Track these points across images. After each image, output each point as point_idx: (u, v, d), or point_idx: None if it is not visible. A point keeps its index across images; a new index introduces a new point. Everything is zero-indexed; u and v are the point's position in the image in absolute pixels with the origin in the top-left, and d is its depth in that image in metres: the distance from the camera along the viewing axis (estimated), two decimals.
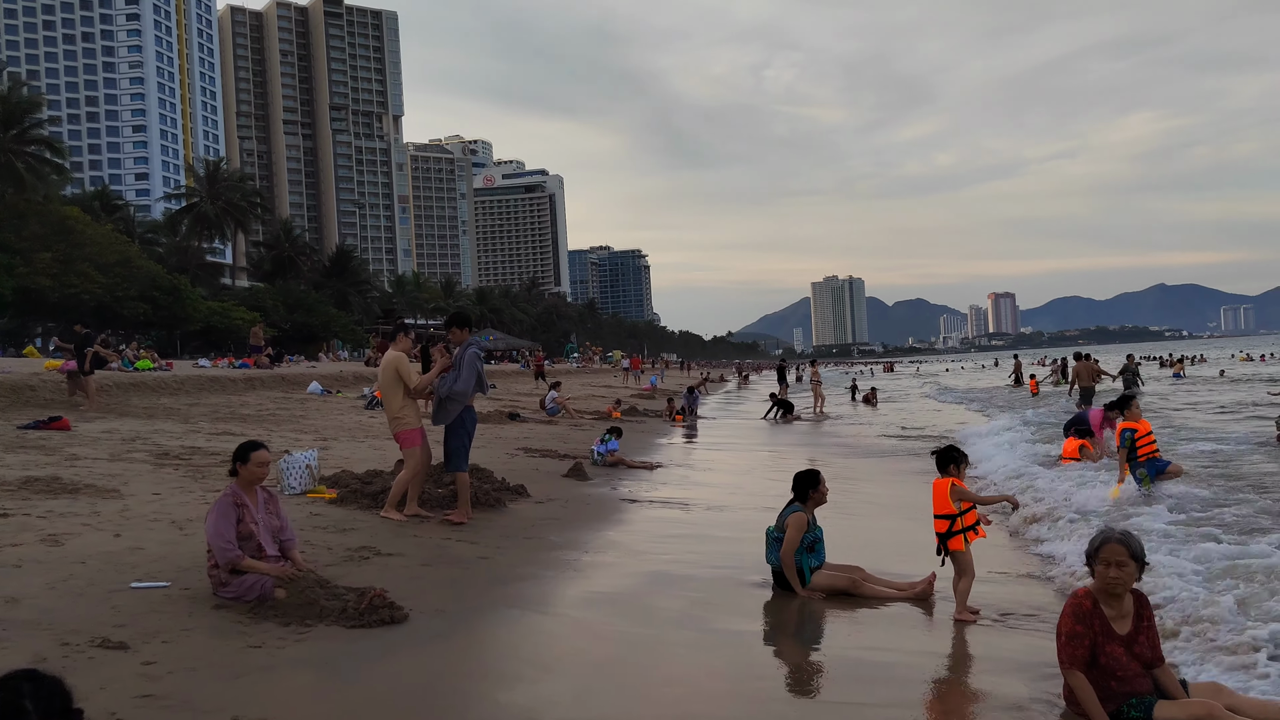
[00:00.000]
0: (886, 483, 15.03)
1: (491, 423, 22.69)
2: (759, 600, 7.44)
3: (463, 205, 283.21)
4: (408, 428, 9.69)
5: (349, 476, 11.30)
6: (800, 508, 7.69)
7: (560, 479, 13.71)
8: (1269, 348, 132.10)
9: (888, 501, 13.19)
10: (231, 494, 6.58)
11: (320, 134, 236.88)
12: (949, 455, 7.16)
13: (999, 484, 14.01)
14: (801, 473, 7.88)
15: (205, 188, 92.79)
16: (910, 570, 7.86)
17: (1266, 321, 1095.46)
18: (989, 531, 8.04)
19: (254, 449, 6.78)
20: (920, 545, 8.51)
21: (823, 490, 7.76)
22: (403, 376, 9.68)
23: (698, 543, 9.79)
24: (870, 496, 13.47)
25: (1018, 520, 10.88)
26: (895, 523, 11.45)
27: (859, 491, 13.66)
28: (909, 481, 14.59)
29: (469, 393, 9.81)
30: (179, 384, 24.85)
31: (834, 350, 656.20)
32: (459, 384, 9.73)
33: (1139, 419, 13.51)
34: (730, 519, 11.13)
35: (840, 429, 27.63)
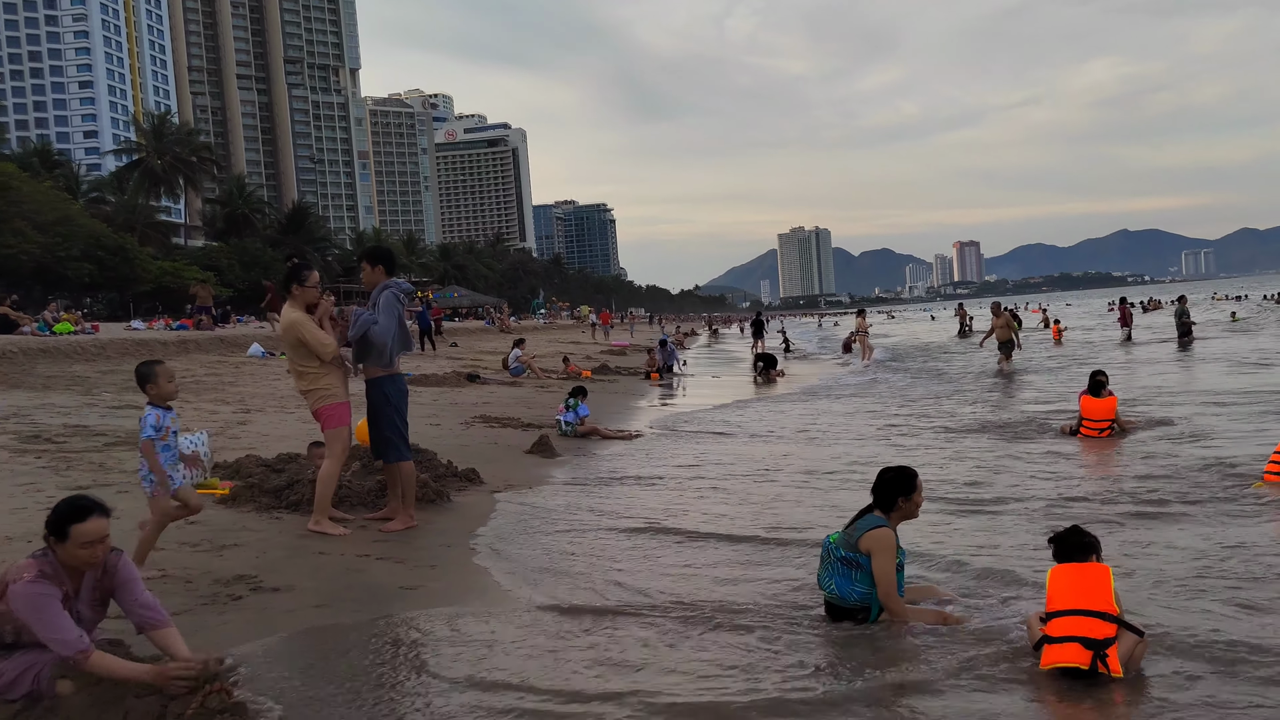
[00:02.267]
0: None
1: (448, 385, 20.41)
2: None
3: (424, 160, 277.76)
4: (331, 400, 7.23)
5: (254, 463, 9.02)
6: (885, 521, 5.44)
7: (522, 456, 11.44)
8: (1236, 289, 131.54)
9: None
10: (45, 573, 3.92)
11: (275, 89, 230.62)
12: (1083, 542, 4.86)
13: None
14: (891, 472, 5.56)
15: (152, 142, 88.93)
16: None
17: (1227, 265, 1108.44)
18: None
19: (78, 518, 3.95)
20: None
21: (918, 500, 5.55)
22: (308, 343, 7.16)
23: (706, 550, 7.39)
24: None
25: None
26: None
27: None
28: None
29: (388, 346, 7.41)
30: (99, 349, 22.32)
31: (801, 301, 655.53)
32: (376, 330, 7.35)
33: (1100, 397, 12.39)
34: (740, 510, 8.97)
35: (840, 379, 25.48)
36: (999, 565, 6.30)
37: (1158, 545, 6.78)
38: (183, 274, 70.36)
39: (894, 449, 11.95)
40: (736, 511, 8.37)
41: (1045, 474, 9.88)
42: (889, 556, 5.28)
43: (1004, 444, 12.11)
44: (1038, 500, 8.49)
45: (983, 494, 8.87)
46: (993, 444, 12.20)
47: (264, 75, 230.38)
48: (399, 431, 7.50)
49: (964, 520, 7.80)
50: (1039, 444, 11.99)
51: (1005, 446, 11.93)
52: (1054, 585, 4.69)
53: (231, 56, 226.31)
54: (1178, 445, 11.23)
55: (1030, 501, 8.46)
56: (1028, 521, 7.63)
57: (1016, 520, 7.71)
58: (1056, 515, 7.75)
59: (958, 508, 8.26)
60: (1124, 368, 23.30)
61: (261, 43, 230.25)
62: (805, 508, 8.51)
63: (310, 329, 7.17)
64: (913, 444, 12.44)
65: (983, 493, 8.95)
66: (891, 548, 5.31)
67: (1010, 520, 7.73)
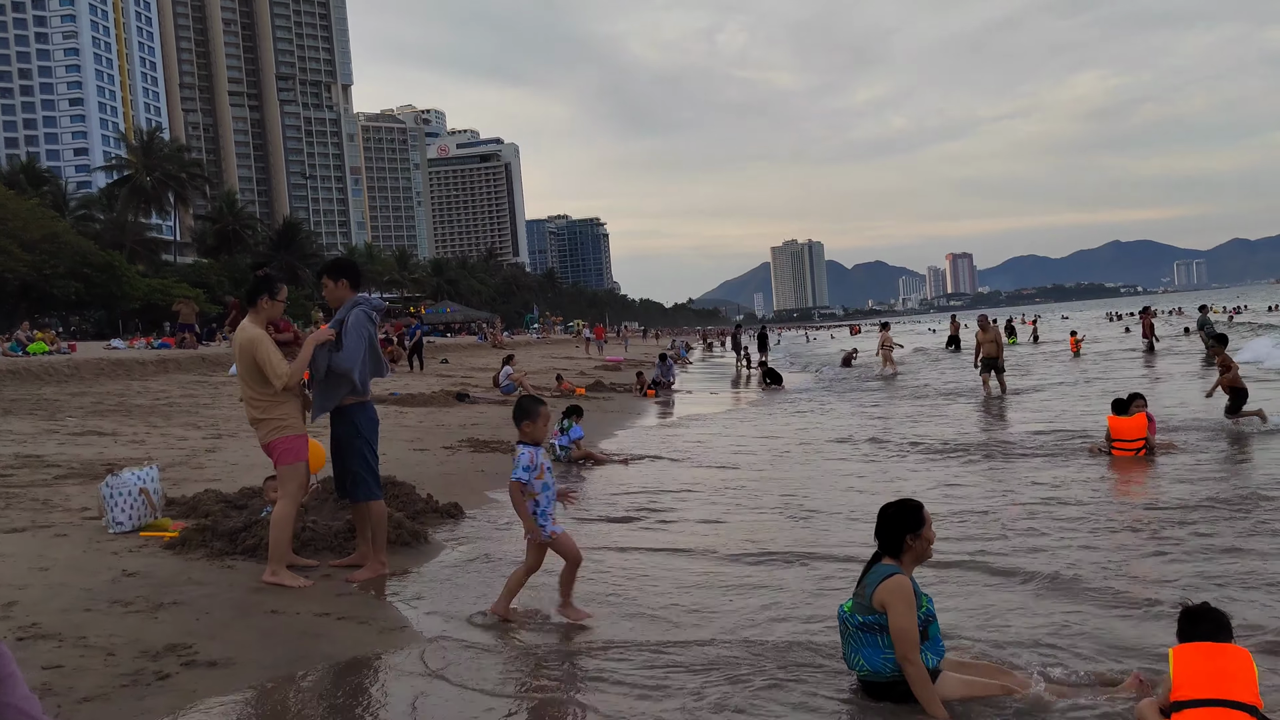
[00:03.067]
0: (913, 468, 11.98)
1: (435, 405, 19.54)
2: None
3: (417, 176, 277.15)
4: (286, 433, 6.34)
5: (213, 499, 8.16)
6: (897, 568, 4.57)
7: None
8: (1232, 300, 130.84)
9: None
10: None
11: (267, 105, 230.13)
12: (1223, 621, 4.03)
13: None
14: (892, 508, 4.69)
15: (141, 159, 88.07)
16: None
17: (1219, 275, 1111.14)
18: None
19: None
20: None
21: (929, 535, 4.70)
22: (262, 365, 6.25)
23: (726, 594, 6.41)
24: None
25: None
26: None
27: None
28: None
29: (355, 371, 6.51)
30: (73, 370, 21.45)
31: (795, 314, 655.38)
32: (341, 356, 6.45)
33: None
34: (725, 538, 8.11)
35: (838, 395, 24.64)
36: (1061, 629, 5.43)
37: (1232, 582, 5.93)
38: (171, 291, 69.39)
39: (932, 483, 11.10)
40: (722, 542, 7.51)
41: (1087, 501, 9.03)
42: (907, 607, 4.39)
43: (1028, 468, 11.28)
44: (1087, 538, 7.64)
45: (1021, 532, 8.02)
46: (1017, 467, 11.38)
47: (256, 91, 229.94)
48: (369, 466, 6.61)
49: (1000, 569, 6.94)
50: (1068, 468, 11.16)
51: (1030, 471, 11.09)
52: (1183, 669, 3.84)
53: (223, 72, 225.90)
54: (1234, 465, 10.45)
55: (1074, 540, 7.61)
56: (1080, 571, 6.77)
57: (1068, 566, 6.85)
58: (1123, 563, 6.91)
59: (992, 549, 7.40)
60: (1151, 382, 22.31)
61: (253, 58, 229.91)
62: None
63: (269, 349, 6.26)
64: (941, 472, 11.59)
65: (1020, 531, 8.10)
66: (909, 597, 4.43)
67: (1062, 565, 6.88)
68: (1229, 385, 13.94)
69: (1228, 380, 13.97)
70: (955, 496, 9.56)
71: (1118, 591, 5.99)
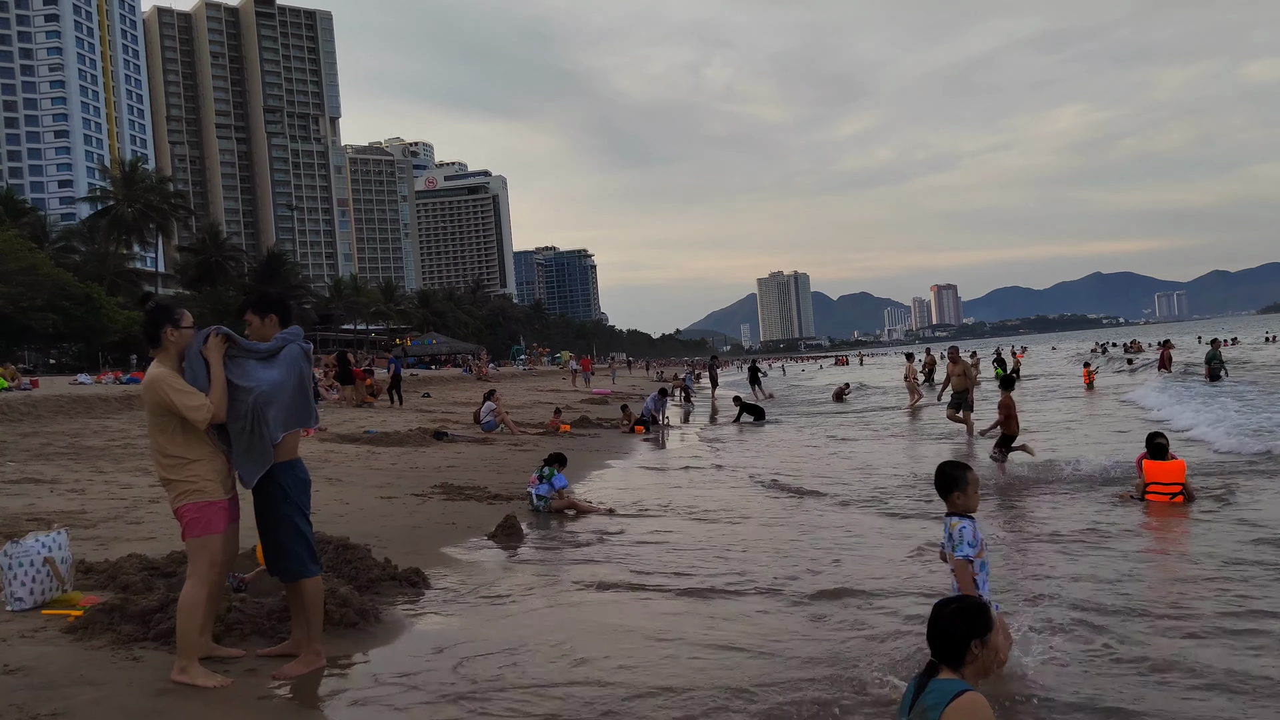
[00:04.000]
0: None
1: (410, 445, 18.45)
2: None
3: (404, 208, 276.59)
4: (198, 498, 5.20)
5: (136, 565, 7.09)
6: (965, 684, 3.54)
7: (483, 541, 9.49)
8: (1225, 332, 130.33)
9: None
10: None
11: (255, 137, 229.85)
12: None
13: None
14: (952, 609, 3.69)
15: (122, 190, 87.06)
16: None
17: (1200, 307, 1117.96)
18: None
19: None
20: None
21: (999, 642, 3.68)
22: (175, 407, 5.12)
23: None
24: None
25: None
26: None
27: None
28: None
29: (277, 420, 5.36)
30: (30, 407, 20.33)
31: (781, 345, 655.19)
32: (264, 378, 5.33)
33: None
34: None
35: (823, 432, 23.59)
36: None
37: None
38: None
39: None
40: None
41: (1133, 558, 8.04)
42: None
43: (1050, 507, 10.31)
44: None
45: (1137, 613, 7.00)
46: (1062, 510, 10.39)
47: (243, 124, 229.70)
48: (301, 536, 5.45)
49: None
50: (1109, 511, 10.18)
51: (1060, 518, 10.11)
52: None
53: (211, 105, 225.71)
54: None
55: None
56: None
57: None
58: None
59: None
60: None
61: (241, 91, 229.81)
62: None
63: (174, 386, 5.11)
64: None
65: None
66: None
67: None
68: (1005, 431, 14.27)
69: (1006, 430, 14.29)
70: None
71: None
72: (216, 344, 5.31)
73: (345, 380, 28.34)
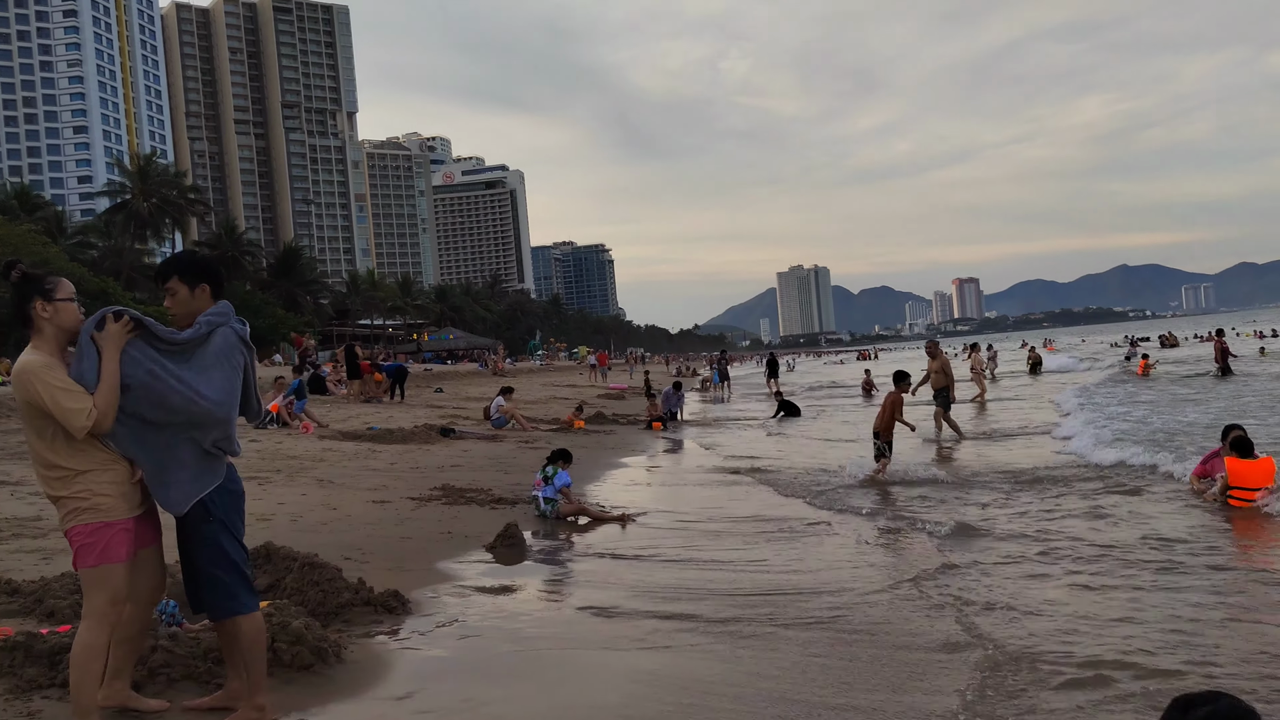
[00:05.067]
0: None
1: (415, 442, 17.43)
2: None
3: (422, 203, 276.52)
4: (91, 518, 4.09)
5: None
6: None
7: (480, 554, 8.41)
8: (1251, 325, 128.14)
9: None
10: None
11: (273, 133, 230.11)
12: None
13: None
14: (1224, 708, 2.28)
15: (137, 184, 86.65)
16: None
17: (1226, 299, 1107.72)
18: None
19: None
20: None
21: None
22: (48, 407, 3.99)
23: None
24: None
25: None
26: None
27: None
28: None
29: (226, 413, 4.31)
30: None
31: (801, 340, 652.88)
32: (207, 394, 4.22)
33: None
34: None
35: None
36: None
37: None
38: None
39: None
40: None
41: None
42: None
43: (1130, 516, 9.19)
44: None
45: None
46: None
47: (261, 119, 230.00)
48: (230, 564, 4.34)
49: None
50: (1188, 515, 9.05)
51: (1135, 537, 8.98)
52: None
53: (229, 101, 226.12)
54: None
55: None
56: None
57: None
58: None
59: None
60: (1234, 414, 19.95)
61: (259, 87, 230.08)
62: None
63: (51, 380, 3.99)
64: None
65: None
66: None
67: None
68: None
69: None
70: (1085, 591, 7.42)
71: None
72: (115, 330, 4.14)
73: (353, 375, 27.39)
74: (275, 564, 6.33)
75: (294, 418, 18.91)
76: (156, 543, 4.45)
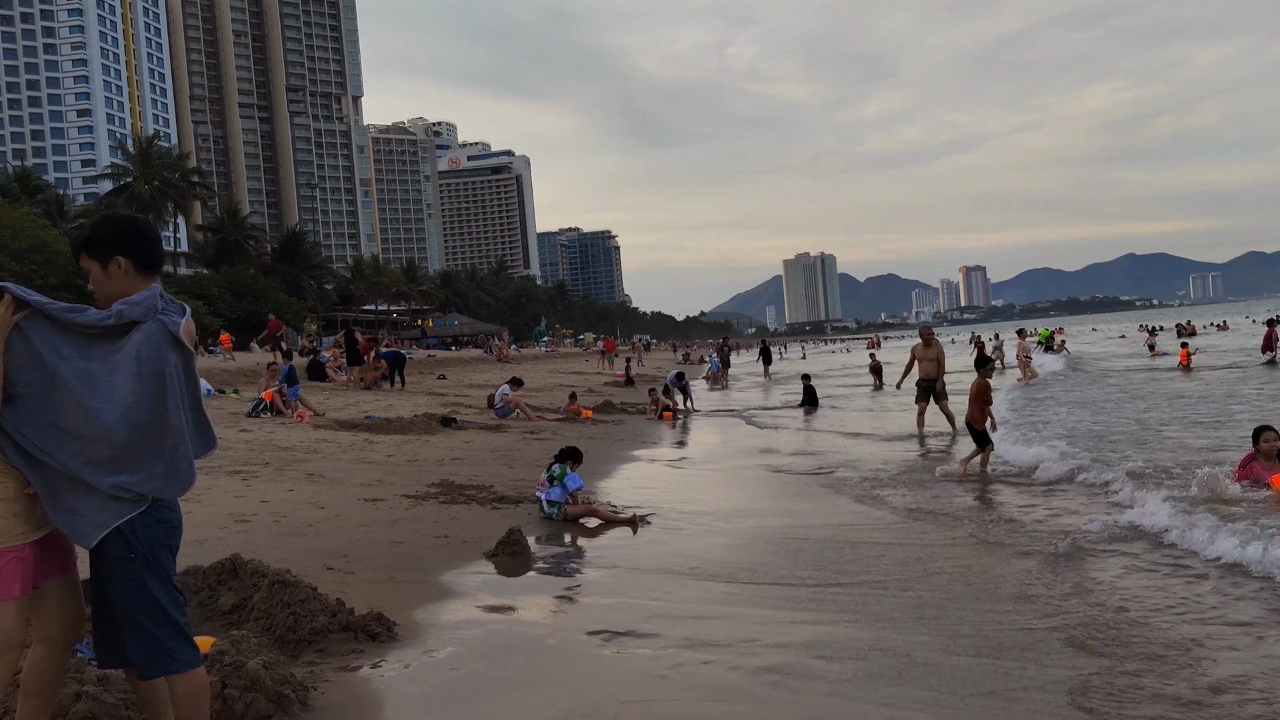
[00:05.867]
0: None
1: (414, 432, 16.60)
2: None
3: (427, 188, 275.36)
4: None
5: None
6: None
7: (479, 563, 7.62)
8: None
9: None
10: None
11: (277, 117, 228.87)
12: None
13: None
14: None
15: (139, 166, 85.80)
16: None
17: (1234, 289, 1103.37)
18: None
19: None
20: None
21: None
22: None
23: None
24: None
25: None
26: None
27: None
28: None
29: (125, 434, 3.29)
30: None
31: (807, 327, 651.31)
32: (108, 414, 3.27)
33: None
34: None
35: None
36: None
37: None
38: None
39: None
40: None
41: None
42: None
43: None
44: None
45: None
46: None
47: (266, 103, 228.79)
48: (160, 613, 3.42)
49: None
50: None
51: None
52: None
53: (234, 84, 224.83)
54: None
55: None
56: None
57: None
58: None
59: None
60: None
61: (264, 70, 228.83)
62: None
63: None
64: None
65: None
66: None
67: None
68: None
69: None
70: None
71: None
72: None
73: (353, 360, 26.50)
74: (242, 580, 5.53)
75: (288, 405, 18.11)
76: (67, 570, 3.58)
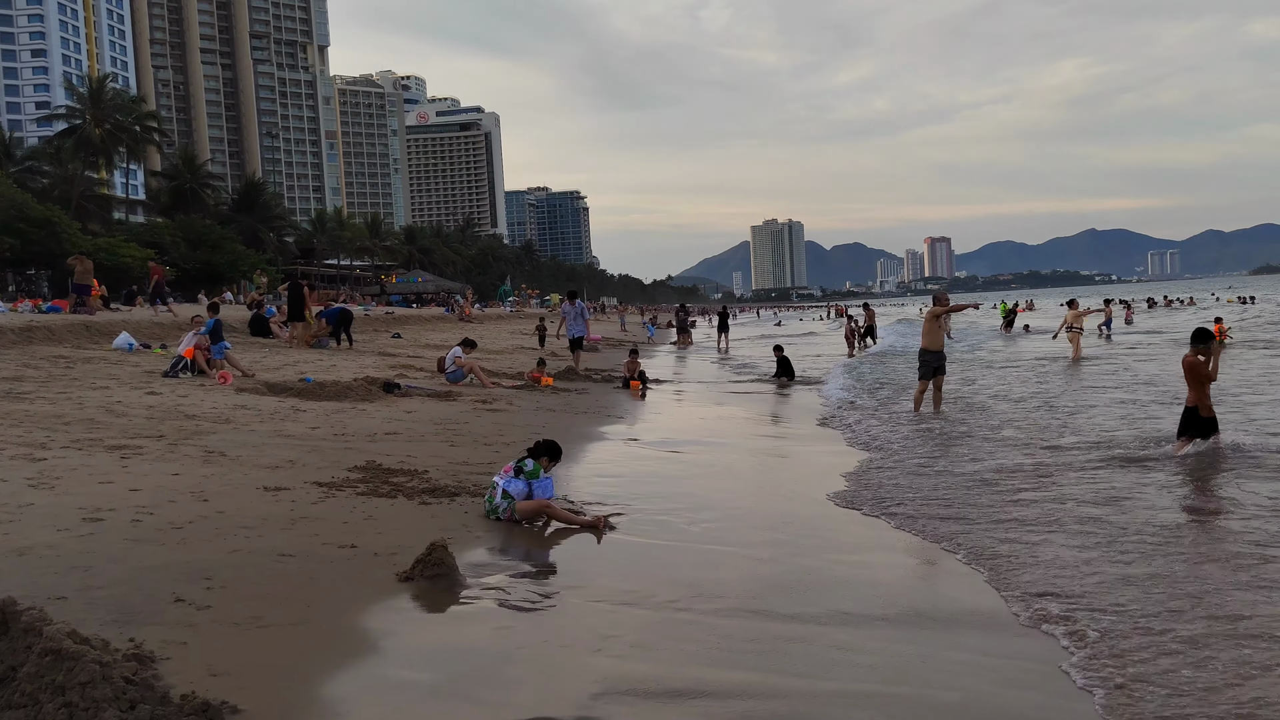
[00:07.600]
0: None
1: (350, 399, 14.67)
2: None
3: (394, 143, 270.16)
4: None
5: None
6: None
7: (389, 591, 5.64)
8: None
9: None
10: None
11: (240, 64, 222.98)
12: None
13: None
14: None
15: (89, 108, 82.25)
16: None
17: (1192, 266, 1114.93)
18: None
19: None
20: None
21: None
22: None
23: None
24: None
25: None
26: None
27: None
28: None
29: None
30: None
31: (773, 294, 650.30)
32: None
33: None
34: None
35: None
36: None
37: None
38: (118, 251, 64.16)
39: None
40: None
41: None
42: None
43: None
44: None
45: None
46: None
47: (229, 49, 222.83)
48: None
49: None
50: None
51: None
52: None
53: (195, 28, 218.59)
54: None
55: None
56: None
57: None
58: None
59: None
60: None
61: (227, 15, 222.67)
62: None
63: None
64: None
65: None
66: None
67: None
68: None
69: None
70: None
71: None
72: None
73: (295, 316, 24.35)
74: (13, 640, 3.74)
75: (211, 365, 16.17)
76: None
